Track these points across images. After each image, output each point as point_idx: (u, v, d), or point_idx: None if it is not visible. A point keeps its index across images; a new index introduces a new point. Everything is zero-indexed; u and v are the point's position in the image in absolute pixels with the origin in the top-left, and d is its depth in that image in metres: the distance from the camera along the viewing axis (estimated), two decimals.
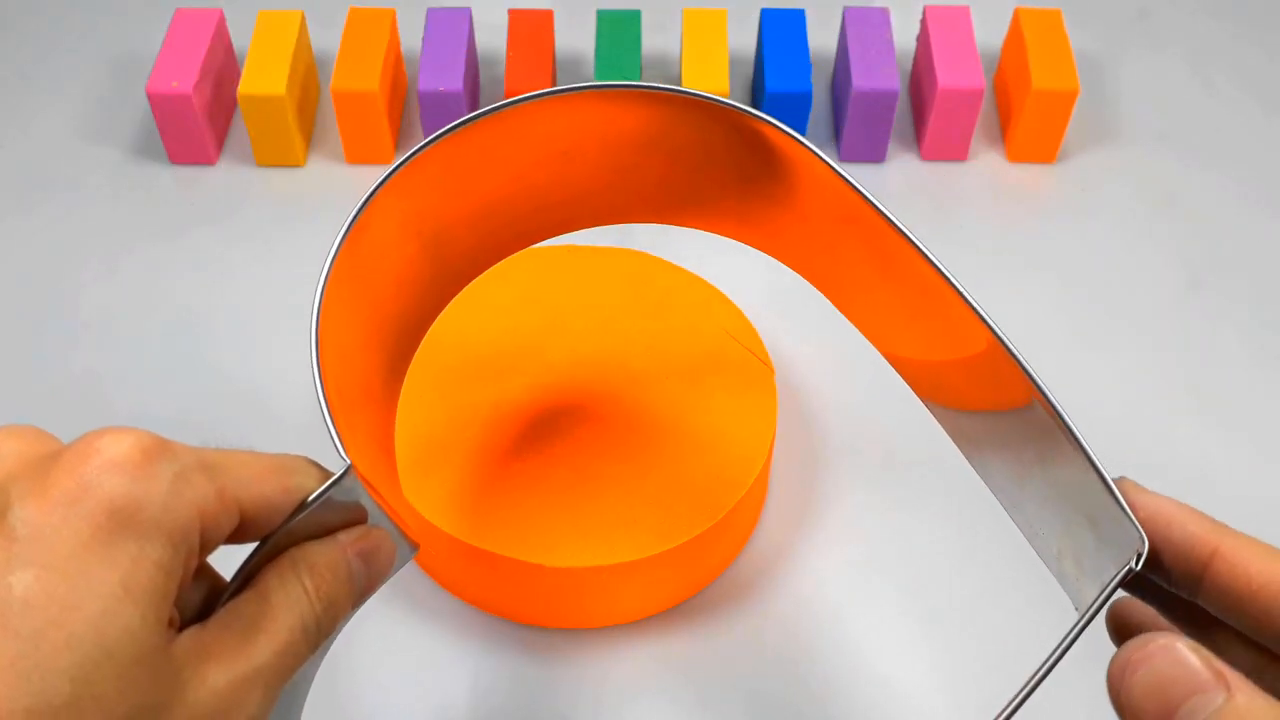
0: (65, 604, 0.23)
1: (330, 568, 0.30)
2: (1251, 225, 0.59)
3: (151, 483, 0.25)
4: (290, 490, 0.29)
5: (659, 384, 0.46)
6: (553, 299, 0.49)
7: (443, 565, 0.44)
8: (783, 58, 0.58)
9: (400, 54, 0.62)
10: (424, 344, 0.47)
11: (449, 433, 0.44)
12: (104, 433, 0.25)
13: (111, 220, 0.58)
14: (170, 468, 0.25)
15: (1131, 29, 0.68)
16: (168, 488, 0.25)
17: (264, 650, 0.28)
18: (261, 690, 0.28)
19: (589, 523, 0.42)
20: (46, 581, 0.23)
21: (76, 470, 0.24)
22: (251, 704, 0.28)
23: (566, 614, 0.44)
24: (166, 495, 0.25)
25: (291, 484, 0.29)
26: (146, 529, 0.25)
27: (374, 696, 0.43)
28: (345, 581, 0.31)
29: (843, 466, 0.49)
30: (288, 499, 0.29)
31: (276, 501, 0.28)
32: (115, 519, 0.24)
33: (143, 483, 0.25)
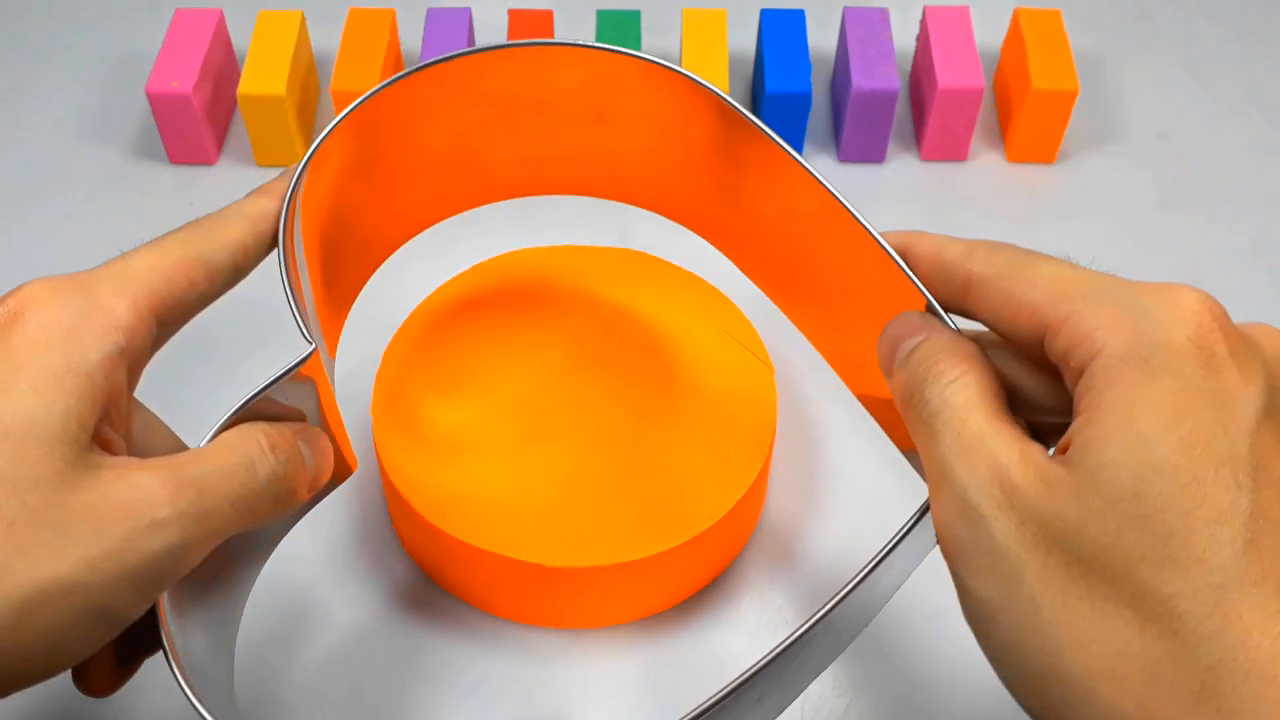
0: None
1: (282, 434, 0.33)
2: (1251, 225, 0.59)
3: (64, 313, 0.30)
4: (196, 283, 0.33)
5: (659, 384, 0.46)
6: (553, 299, 0.49)
7: (443, 565, 0.44)
8: (783, 58, 0.58)
9: (400, 54, 0.62)
10: (423, 344, 0.47)
11: (448, 432, 0.44)
12: (25, 286, 0.32)
13: (111, 220, 0.58)
14: (71, 298, 0.31)
15: (1131, 29, 0.68)
16: (79, 312, 0.31)
17: (201, 466, 0.30)
18: (194, 497, 0.30)
19: (589, 523, 0.42)
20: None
21: (5, 314, 0.31)
22: (181, 506, 0.29)
23: (566, 614, 0.44)
24: (75, 321, 0.30)
25: (197, 275, 0.33)
26: (57, 346, 0.30)
27: (374, 696, 0.43)
28: (295, 452, 0.33)
29: (843, 466, 0.49)
30: (194, 291, 0.33)
31: (184, 297, 0.33)
32: (30, 348, 0.30)
33: (58, 307, 0.31)
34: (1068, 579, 0.26)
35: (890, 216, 0.59)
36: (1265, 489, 0.26)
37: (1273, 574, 0.25)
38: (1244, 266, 0.57)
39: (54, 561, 0.28)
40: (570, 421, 0.45)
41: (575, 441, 0.44)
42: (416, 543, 0.45)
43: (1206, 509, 0.25)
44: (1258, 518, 0.25)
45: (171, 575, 0.30)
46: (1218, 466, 0.26)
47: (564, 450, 0.44)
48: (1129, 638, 0.26)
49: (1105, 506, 0.26)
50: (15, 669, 0.28)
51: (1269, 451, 0.26)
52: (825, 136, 0.62)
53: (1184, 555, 0.25)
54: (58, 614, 0.28)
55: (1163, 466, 0.26)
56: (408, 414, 0.45)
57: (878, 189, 0.60)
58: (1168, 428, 0.26)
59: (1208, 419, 0.26)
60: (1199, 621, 0.25)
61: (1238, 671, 0.25)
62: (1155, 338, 0.27)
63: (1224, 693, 0.25)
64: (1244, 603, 0.25)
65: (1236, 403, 0.26)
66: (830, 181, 0.37)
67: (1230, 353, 0.27)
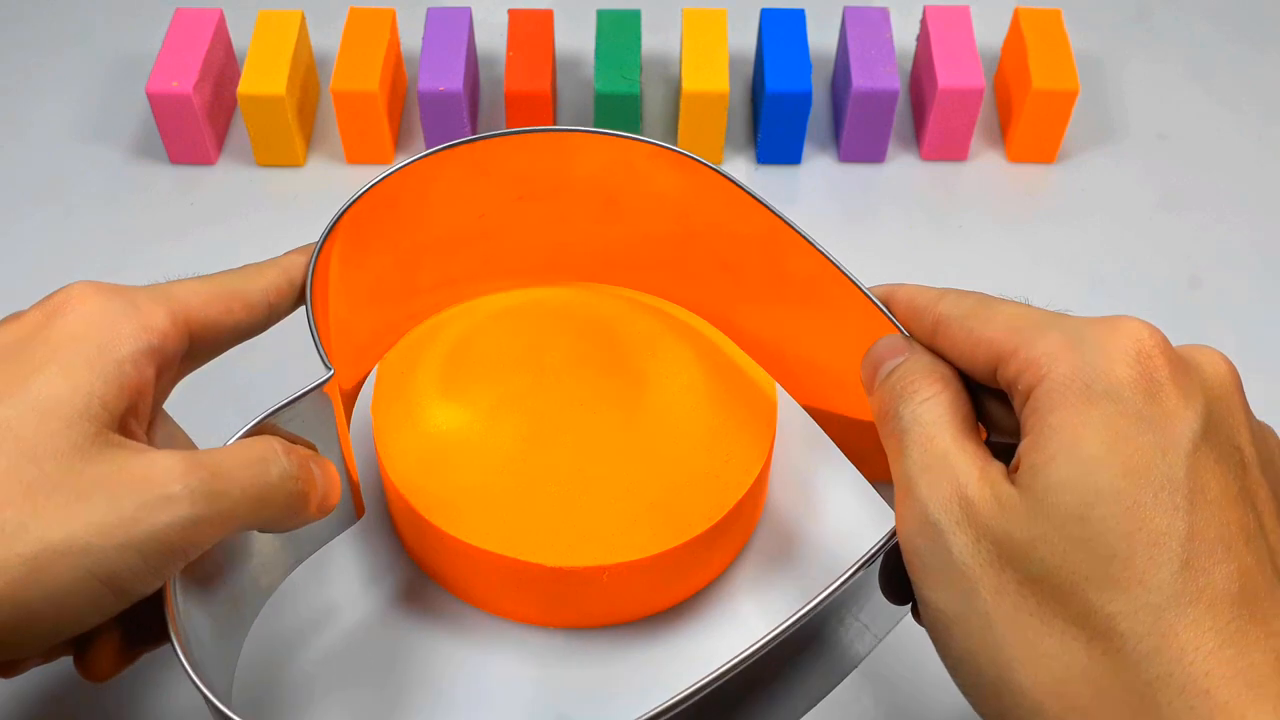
0: (15, 379, 0.31)
1: (296, 447, 0.35)
2: (1251, 225, 0.59)
3: (106, 309, 0.33)
4: (231, 311, 0.36)
5: (659, 384, 0.46)
6: (552, 299, 0.49)
7: (443, 565, 0.44)
8: (783, 58, 0.58)
9: (400, 54, 0.62)
10: (423, 345, 0.47)
11: (449, 432, 0.44)
12: (72, 285, 0.34)
13: (111, 220, 0.58)
14: (116, 299, 0.33)
15: (1131, 29, 0.68)
16: (119, 311, 0.33)
17: (217, 455, 0.32)
18: (207, 477, 0.31)
19: (589, 523, 0.42)
20: (1, 378, 0.31)
21: (42, 312, 0.33)
22: (193, 484, 0.31)
23: (566, 614, 0.44)
24: (114, 316, 0.33)
25: (234, 305, 0.36)
26: (92, 335, 0.32)
27: (374, 696, 0.43)
28: (308, 463, 0.35)
29: (843, 467, 0.49)
30: (229, 318, 0.36)
31: (220, 321, 0.36)
32: (68, 335, 0.32)
33: (99, 303, 0.33)
34: (1019, 596, 0.28)
35: (891, 217, 0.59)
36: (1201, 510, 0.27)
37: (1206, 592, 0.26)
38: (1244, 266, 0.57)
39: (66, 524, 0.29)
40: (571, 422, 0.45)
41: (575, 442, 0.44)
42: (416, 543, 0.45)
43: (1145, 532, 0.27)
44: (1193, 539, 0.27)
45: (180, 551, 0.31)
46: (1156, 491, 0.27)
47: (564, 450, 0.44)
48: (1076, 654, 0.27)
49: (1053, 529, 0.28)
50: (22, 627, 0.30)
51: (1206, 473, 0.28)
52: (825, 136, 0.62)
53: (1125, 576, 0.27)
54: (66, 575, 0.29)
55: (1105, 491, 0.27)
56: (408, 414, 0.45)
57: (878, 189, 0.60)
58: (1110, 451, 0.28)
59: (1146, 443, 0.28)
60: (1139, 639, 0.26)
61: (1174, 686, 0.26)
62: (1098, 364, 0.29)
63: (1161, 705, 0.26)
64: (1180, 621, 0.26)
65: (1175, 426, 0.28)
66: (823, 243, 0.40)
67: (1170, 377, 0.29)
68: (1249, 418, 0.30)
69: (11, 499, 0.29)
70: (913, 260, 0.57)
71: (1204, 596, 0.26)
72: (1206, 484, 0.28)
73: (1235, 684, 0.26)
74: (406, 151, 0.61)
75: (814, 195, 0.60)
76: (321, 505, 0.36)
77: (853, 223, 0.59)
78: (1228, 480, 0.28)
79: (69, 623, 0.31)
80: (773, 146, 0.60)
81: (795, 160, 0.60)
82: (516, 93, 0.57)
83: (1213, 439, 0.28)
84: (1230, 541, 0.27)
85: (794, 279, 0.41)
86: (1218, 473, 0.28)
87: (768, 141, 0.60)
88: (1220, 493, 0.28)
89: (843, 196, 0.60)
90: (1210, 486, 0.28)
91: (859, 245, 0.54)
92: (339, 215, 0.40)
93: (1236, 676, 0.26)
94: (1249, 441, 0.30)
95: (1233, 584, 0.27)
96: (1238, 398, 0.30)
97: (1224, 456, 0.28)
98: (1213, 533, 0.27)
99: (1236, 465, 0.29)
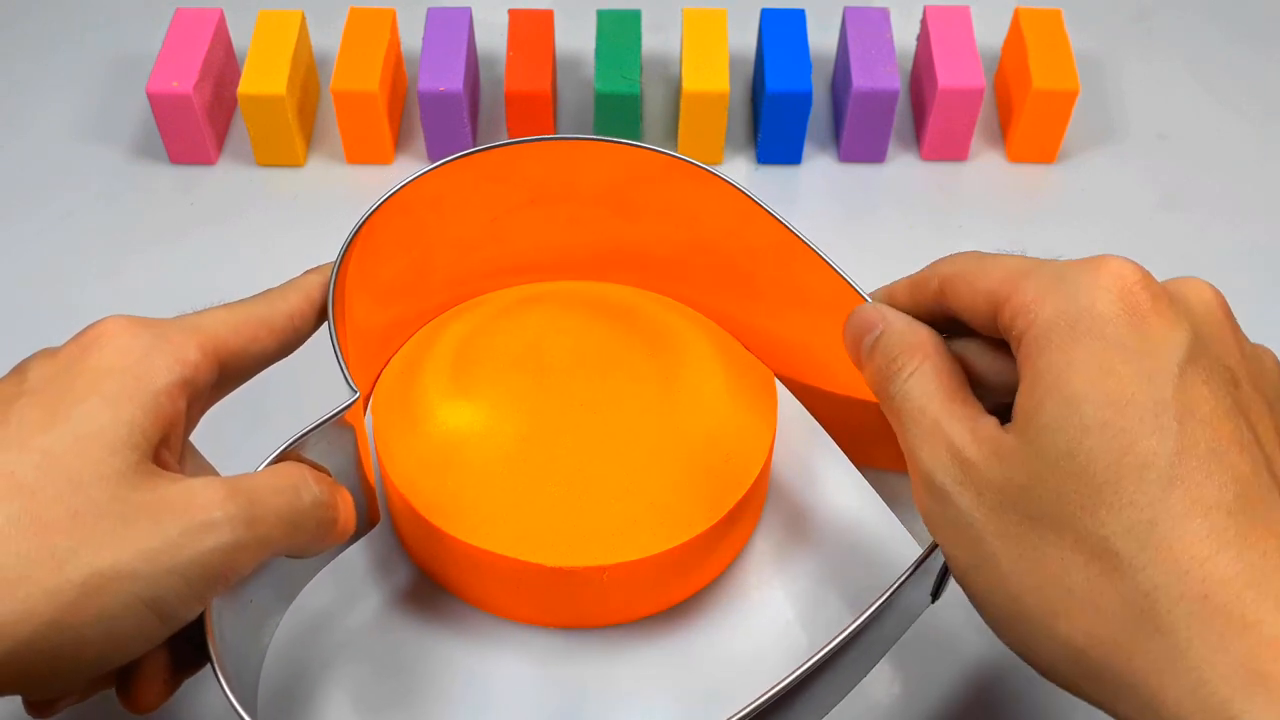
0: (58, 410, 0.32)
1: (323, 474, 0.36)
2: (1251, 225, 0.59)
3: (133, 345, 0.33)
4: (258, 339, 0.37)
5: (660, 384, 0.46)
6: (553, 299, 0.49)
7: (443, 565, 0.44)
8: (783, 58, 0.58)
9: (400, 54, 0.62)
10: (422, 346, 0.47)
11: (449, 433, 0.44)
12: (105, 319, 0.34)
13: (111, 220, 0.58)
14: (148, 333, 0.34)
15: (1131, 29, 0.68)
16: (151, 343, 0.34)
17: (253, 481, 0.33)
18: (245, 504, 0.33)
19: (589, 523, 0.42)
20: (43, 409, 0.32)
21: (77, 346, 0.34)
22: (232, 510, 0.32)
23: (566, 614, 0.44)
24: (148, 349, 0.34)
25: (260, 333, 0.37)
26: (130, 367, 0.33)
27: (374, 696, 0.43)
28: (335, 490, 0.37)
29: (843, 467, 0.49)
30: (255, 346, 0.37)
31: (246, 349, 0.37)
32: (105, 368, 0.33)
33: (134, 337, 0.34)
34: (1020, 534, 0.30)
35: (891, 217, 0.59)
36: (1190, 428, 0.28)
37: (1199, 504, 0.27)
38: (1244, 266, 0.57)
39: (114, 550, 0.30)
40: (571, 422, 0.45)
41: (576, 442, 0.44)
42: (417, 543, 0.45)
43: (1133, 455, 0.28)
44: (1182, 455, 0.28)
45: (221, 576, 0.32)
46: (1141, 416, 0.28)
47: (564, 450, 0.44)
48: (1076, 578, 0.29)
49: (1047, 468, 0.29)
50: (71, 654, 0.30)
51: (1194, 393, 0.29)
52: (825, 136, 0.62)
53: (1117, 501, 0.28)
54: (114, 600, 0.30)
55: (1092, 425, 0.28)
56: (407, 415, 0.45)
57: (878, 189, 0.60)
58: (1093, 386, 0.29)
59: (1130, 372, 0.29)
60: (1134, 555, 0.28)
61: (1172, 594, 0.27)
62: (1081, 303, 0.30)
63: (1160, 614, 0.27)
64: (1173, 533, 0.27)
65: (1160, 350, 0.29)
66: (828, 249, 0.41)
67: (1154, 308, 0.30)
68: (1240, 340, 0.31)
69: (60, 526, 0.30)
70: (913, 260, 0.56)
71: (1197, 508, 0.27)
72: (1195, 403, 0.28)
73: (1234, 586, 0.27)
74: (406, 151, 0.61)
75: (814, 195, 0.60)
76: (343, 532, 0.38)
77: (853, 223, 0.59)
78: (1218, 398, 0.29)
79: (116, 651, 0.31)
80: (773, 146, 0.60)
81: (795, 160, 0.60)
82: (516, 93, 0.57)
83: (1200, 361, 0.29)
84: (1222, 453, 0.28)
85: (802, 288, 0.42)
86: (1206, 392, 0.29)
87: (768, 141, 0.60)
88: (1211, 410, 0.28)
89: (843, 196, 0.60)
90: (1200, 405, 0.28)
91: (859, 245, 0.54)
92: (355, 230, 0.41)
93: (1235, 579, 0.27)
94: (1240, 361, 0.31)
95: (1226, 493, 0.28)
96: (1226, 321, 0.32)
97: (1213, 376, 0.29)
98: (1203, 447, 0.28)
99: (1227, 383, 0.29)
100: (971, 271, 0.33)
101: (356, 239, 0.41)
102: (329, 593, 0.45)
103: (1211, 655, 0.26)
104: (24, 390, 0.33)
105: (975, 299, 0.33)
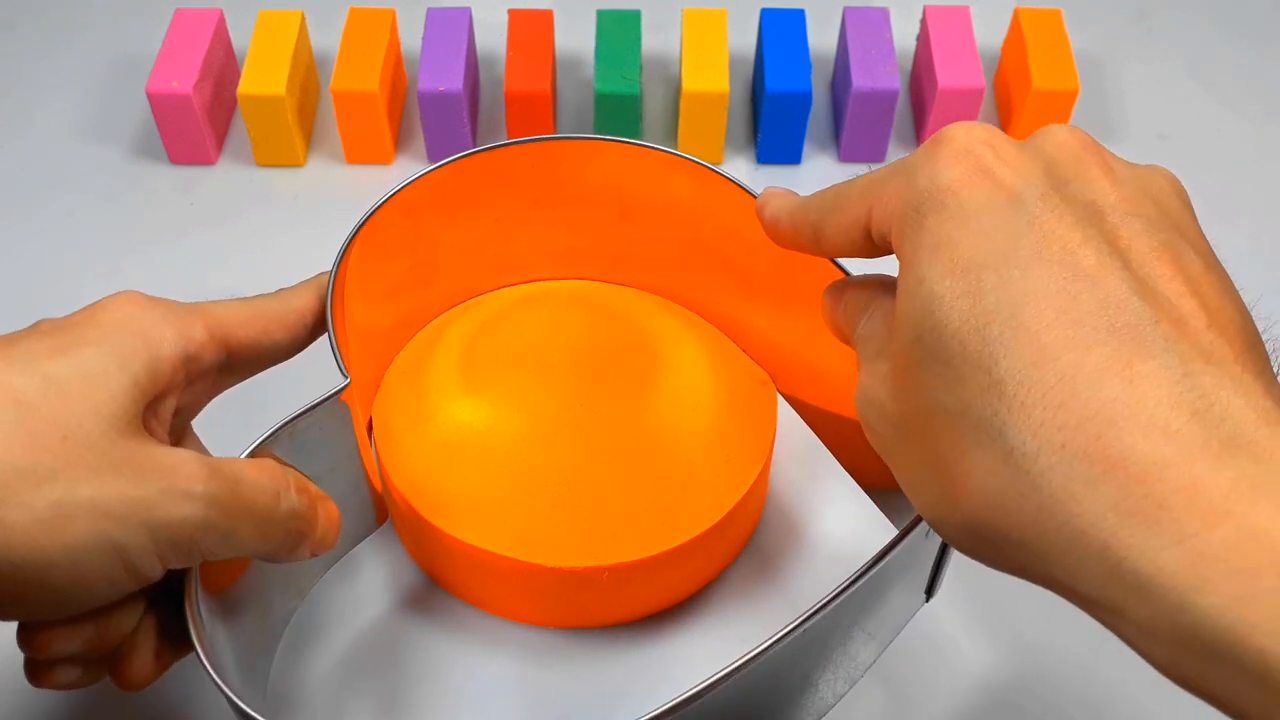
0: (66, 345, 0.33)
1: (307, 487, 0.37)
2: (1251, 225, 0.59)
3: (144, 312, 0.35)
4: (269, 332, 0.38)
5: (660, 385, 0.46)
6: (553, 299, 0.49)
7: (443, 565, 0.44)
8: (783, 58, 0.58)
9: (400, 54, 0.62)
10: (425, 346, 0.47)
11: (449, 432, 0.44)
12: (116, 292, 0.35)
13: (111, 220, 0.58)
14: (160, 305, 0.35)
15: (1131, 29, 0.68)
16: (160, 315, 0.35)
17: (238, 470, 0.34)
18: (225, 488, 0.33)
19: (589, 523, 0.42)
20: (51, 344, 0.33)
21: (90, 308, 0.35)
22: (213, 489, 0.33)
23: (566, 614, 0.44)
24: (156, 320, 0.35)
25: (271, 326, 0.38)
26: (137, 330, 0.34)
27: (374, 696, 0.43)
28: (315, 505, 0.37)
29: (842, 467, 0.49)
30: (266, 339, 0.38)
31: (258, 340, 0.38)
32: (114, 324, 0.34)
33: (145, 307, 0.35)
34: (923, 435, 0.28)
35: None
36: (1039, 269, 0.26)
37: (1048, 350, 0.26)
38: (1244, 266, 0.57)
39: (93, 485, 0.31)
40: (570, 421, 0.44)
41: (575, 441, 0.44)
42: (417, 543, 0.45)
43: (974, 319, 0.27)
44: (1031, 299, 0.26)
45: (184, 548, 0.32)
46: (979, 274, 0.27)
47: (564, 450, 0.44)
48: (961, 460, 0.27)
49: (918, 368, 0.28)
50: (38, 579, 0.30)
51: (1048, 229, 0.27)
52: (825, 136, 0.62)
53: (967, 369, 0.27)
54: (85, 532, 0.30)
55: (930, 301, 0.27)
56: (408, 414, 0.45)
57: None
58: (932, 259, 0.27)
59: (969, 234, 0.27)
60: (990, 418, 0.26)
61: (1029, 449, 0.25)
62: (923, 185, 0.28)
63: (1027, 469, 0.25)
64: (1024, 386, 0.26)
65: (1005, 202, 0.27)
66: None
67: (999, 160, 0.28)
68: (1110, 169, 0.29)
69: (49, 446, 0.30)
70: None
71: (1046, 354, 0.26)
72: (1046, 243, 0.27)
73: (1093, 424, 0.25)
74: (406, 152, 0.61)
75: None
76: (317, 547, 0.37)
77: None
78: (1075, 230, 0.27)
79: (80, 586, 0.31)
80: (773, 146, 0.60)
81: (795, 160, 0.60)
82: (516, 93, 0.57)
83: (1051, 199, 0.28)
84: (1080, 289, 0.26)
85: (802, 285, 0.42)
86: (1062, 228, 0.27)
87: (768, 141, 0.60)
88: (1063, 246, 0.27)
89: None
90: (1051, 244, 0.27)
91: None
92: (358, 227, 0.41)
93: (1095, 416, 0.25)
94: (1111, 189, 0.29)
95: (1085, 329, 0.26)
96: (1086, 155, 0.29)
97: (1069, 211, 0.27)
98: (1055, 286, 0.26)
99: (1088, 215, 0.28)
100: (835, 208, 0.32)
101: (358, 236, 0.41)
102: (329, 592, 0.45)
103: (1079, 505, 0.24)
104: (35, 331, 0.34)
105: (848, 233, 0.32)
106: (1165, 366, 0.25)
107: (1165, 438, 0.24)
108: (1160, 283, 0.27)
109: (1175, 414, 0.24)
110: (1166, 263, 0.27)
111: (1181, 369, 0.25)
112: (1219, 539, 0.23)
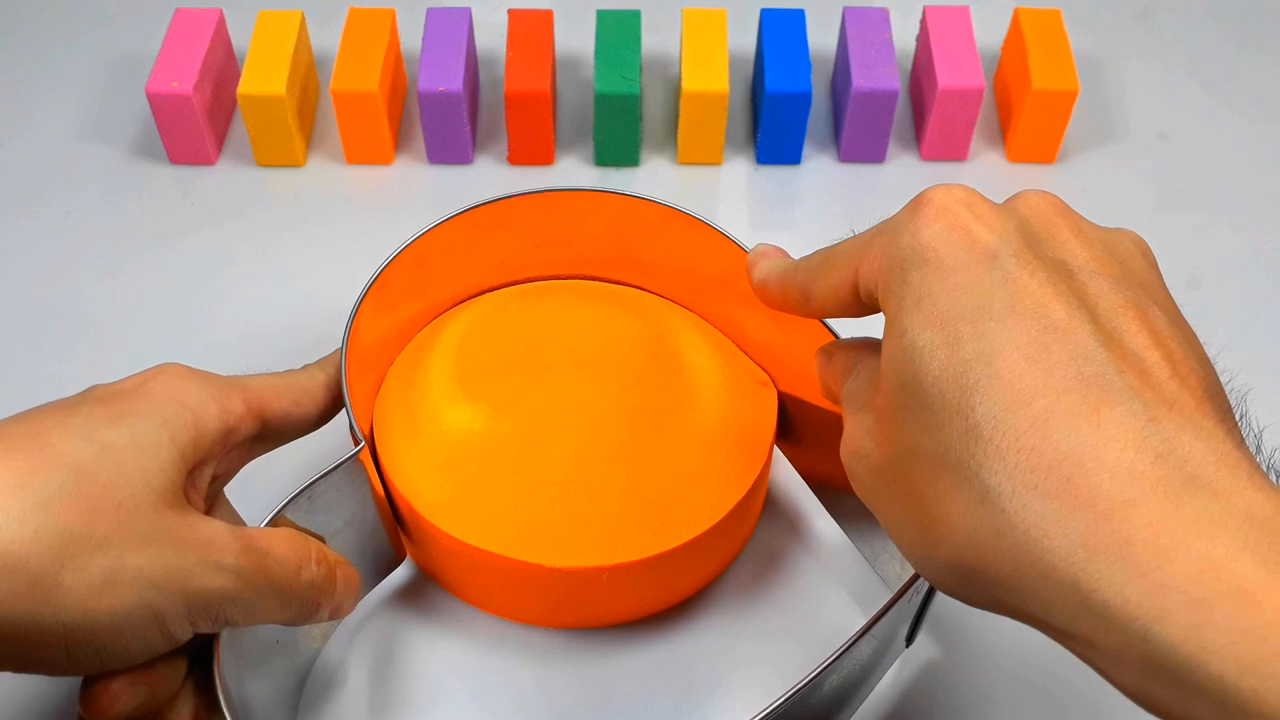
0: (122, 414, 0.34)
1: (327, 557, 0.38)
2: (1251, 225, 0.59)
3: (191, 386, 0.36)
4: (300, 404, 0.40)
5: (659, 384, 0.46)
6: (553, 299, 0.49)
7: (443, 565, 0.44)
8: (783, 58, 0.58)
9: (400, 54, 0.62)
10: (423, 347, 0.47)
11: (449, 433, 0.44)
12: (164, 364, 0.37)
13: (111, 220, 0.58)
14: (204, 379, 0.37)
15: (1131, 29, 0.68)
16: (204, 388, 0.37)
17: (267, 544, 0.36)
18: (254, 563, 0.35)
19: (589, 523, 0.42)
20: (109, 411, 0.34)
21: (139, 377, 0.36)
22: (242, 563, 0.34)
23: (566, 614, 0.44)
24: (202, 395, 0.36)
25: (303, 399, 0.40)
26: (185, 404, 0.36)
27: (374, 696, 0.43)
28: (334, 577, 0.38)
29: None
30: (298, 410, 0.40)
31: (290, 413, 0.40)
32: (166, 396, 0.36)
33: (191, 381, 0.37)
34: (907, 482, 0.30)
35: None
36: (1012, 323, 0.28)
37: (1020, 397, 0.27)
38: (1244, 266, 0.57)
39: (141, 554, 0.32)
40: (571, 422, 0.45)
41: (576, 442, 0.44)
42: (418, 543, 0.45)
43: (952, 368, 0.28)
44: (1004, 352, 0.28)
45: (210, 615, 0.34)
46: (956, 327, 0.28)
47: (564, 451, 0.44)
48: (937, 504, 0.29)
49: (905, 418, 0.29)
50: (84, 640, 0.32)
51: (1020, 286, 0.28)
52: (825, 136, 0.62)
53: (945, 415, 0.28)
54: (130, 599, 0.32)
55: (912, 351, 0.29)
56: (408, 416, 0.45)
57: (878, 189, 0.60)
58: (914, 312, 0.29)
59: (946, 288, 0.29)
60: (967, 460, 0.27)
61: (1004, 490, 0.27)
62: (906, 243, 0.30)
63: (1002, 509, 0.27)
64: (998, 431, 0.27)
65: (980, 259, 0.29)
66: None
67: (975, 218, 0.29)
68: (1080, 231, 0.31)
69: (104, 513, 0.32)
70: None
71: (1019, 400, 0.27)
72: (1018, 297, 0.28)
73: (1063, 467, 0.26)
74: (406, 151, 0.61)
75: (814, 195, 0.60)
76: (335, 613, 0.39)
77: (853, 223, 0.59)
78: (1046, 287, 0.28)
79: (118, 647, 0.33)
80: (773, 146, 0.60)
81: (795, 160, 0.60)
82: (516, 93, 0.57)
83: (1024, 257, 0.29)
84: (1051, 343, 0.27)
85: (801, 334, 0.43)
86: (1034, 285, 0.28)
87: (768, 141, 0.60)
88: (1036, 301, 0.28)
89: (843, 196, 0.60)
90: (1023, 298, 0.28)
91: None
92: (367, 287, 0.43)
93: (1065, 458, 0.26)
94: (1080, 249, 0.30)
95: (1055, 378, 0.27)
96: (1056, 217, 0.31)
97: (1040, 269, 0.29)
98: (1026, 339, 0.27)
99: (1058, 274, 0.29)
100: (822, 271, 0.34)
101: (367, 296, 0.43)
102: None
103: (1051, 541, 0.26)
104: (90, 397, 0.35)
105: (837, 294, 0.33)
106: (1131, 413, 0.26)
107: (1131, 479, 0.26)
108: (1126, 336, 0.28)
109: (1140, 457, 0.26)
110: (1132, 318, 0.29)
111: (1146, 415, 0.26)
112: (1179, 572, 0.24)
